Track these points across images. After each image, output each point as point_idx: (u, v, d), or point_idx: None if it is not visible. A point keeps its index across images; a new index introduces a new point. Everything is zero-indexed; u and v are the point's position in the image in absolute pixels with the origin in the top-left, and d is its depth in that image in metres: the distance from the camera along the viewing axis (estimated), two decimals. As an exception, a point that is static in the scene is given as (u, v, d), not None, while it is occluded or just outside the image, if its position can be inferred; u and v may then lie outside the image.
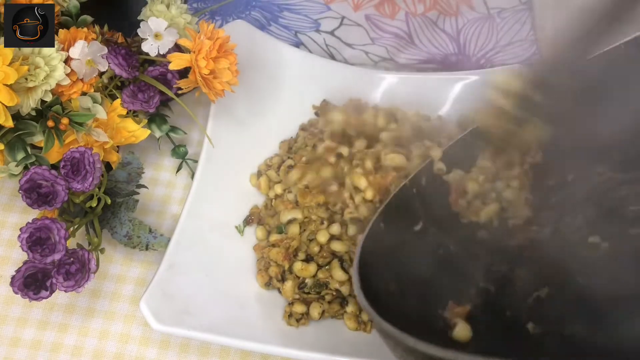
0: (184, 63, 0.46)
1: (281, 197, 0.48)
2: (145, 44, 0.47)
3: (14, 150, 0.44)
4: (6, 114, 0.41)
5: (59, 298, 0.45)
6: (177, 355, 0.44)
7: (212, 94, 0.47)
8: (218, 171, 0.49)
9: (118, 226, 0.45)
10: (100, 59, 0.46)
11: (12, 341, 0.44)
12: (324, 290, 0.44)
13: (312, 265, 0.45)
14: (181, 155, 0.52)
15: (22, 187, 0.40)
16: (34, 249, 0.40)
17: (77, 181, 0.41)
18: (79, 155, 0.41)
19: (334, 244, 0.44)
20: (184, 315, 0.41)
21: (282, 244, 0.46)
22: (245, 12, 0.62)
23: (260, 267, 0.46)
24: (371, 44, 0.60)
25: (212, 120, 0.51)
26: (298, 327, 0.44)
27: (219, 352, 0.44)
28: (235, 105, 0.52)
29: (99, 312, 0.45)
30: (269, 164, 0.51)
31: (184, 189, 0.51)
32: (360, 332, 0.44)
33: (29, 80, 0.43)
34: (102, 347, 0.44)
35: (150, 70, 0.49)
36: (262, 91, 0.54)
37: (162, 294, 0.42)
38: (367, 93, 0.55)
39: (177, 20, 0.50)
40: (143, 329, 0.44)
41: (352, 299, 0.44)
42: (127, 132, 0.47)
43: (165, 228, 0.49)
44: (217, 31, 0.46)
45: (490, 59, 0.60)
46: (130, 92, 0.47)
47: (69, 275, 0.40)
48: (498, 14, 0.62)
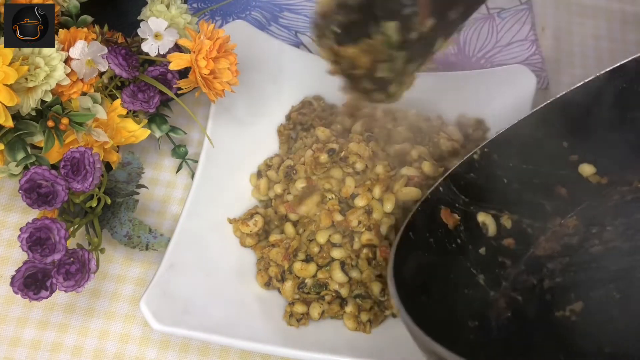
0: (184, 63, 0.46)
1: (281, 197, 0.48)
2: (145, 44, 0.47)
3: (14, 150, 0.44)
4: (6, 114, 0.41)
5: (59, 298, 0.45)
6: (177, 355, 0.44)
7: (212, 94, 0.47)
8: (218, 171, 0.49)
9: (118, 226, 0.45)
10: (100, 59, 0.46)
11: (12, 341, 0.44)
12: (323, 290, 0.44)
13: (312, 266, 0.45)
14: (181, 155, 0.52)
15: (22, 187, 0.40)
16: (34, 249, 0.40)
17: (77, 181, 0.41)
18: (79, 155, 0.41)
19: (333, 252, 0.44)
20: (184, 315, 0.41)
21: (282, 244, 0.46)
22: (245, 12, 0.62)
23: (260, 267, 0.46)
24: (371, 44, 0.60)
25: (212, 120, 0.51)
26: (298, 327, 0.44)
27: (219, 352, 0.44)
28: (235, 105, 0.52)
29: (99, 312, 0.45)
30: (269, 164, 0.51)
31: (184, 189, 0.51)
32: (359, 332, 0.44)
33: (29, 80, 0.43)
34: (102, 347, 0.44)
35: (150, 70, 0.49)
36: (262, 91, 0.54)
37: (162, 294, 0.42)
38: (367, 93, 0.55)
39: (177, 20, 0.50)
40: (143, 329, 0.44)
41: (352, 300, 0.44)
42: (127, 132, 0.47)
43: (165, 228, 0.49)
44: (217, 31, 0.46)
45: (490, 59, 0.60)
46: (130, 92, 0.47)
47: (69, 275, 0.40)
48: (498, 14, 0.62)
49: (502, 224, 0.42)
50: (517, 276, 0.41)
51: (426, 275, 0.38)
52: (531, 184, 0.42)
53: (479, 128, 0.52)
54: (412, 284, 0.34)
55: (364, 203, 0.45)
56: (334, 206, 0.45)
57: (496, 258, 0.41)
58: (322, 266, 0.45)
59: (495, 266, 0.41)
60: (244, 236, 0.47)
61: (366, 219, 0.44)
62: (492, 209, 0.41)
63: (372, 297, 0.44)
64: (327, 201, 0.45)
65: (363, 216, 0.44)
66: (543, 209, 0.42)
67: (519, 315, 0.39)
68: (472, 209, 0.41)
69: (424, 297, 0.35)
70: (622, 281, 0.39)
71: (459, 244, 0.40)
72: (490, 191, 0.41)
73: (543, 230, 0.42)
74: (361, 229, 0.44)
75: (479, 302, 0.39)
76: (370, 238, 0.44)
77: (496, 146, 0.42)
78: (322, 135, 0.49)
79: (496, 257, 0.41)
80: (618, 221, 0.41)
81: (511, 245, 0.41)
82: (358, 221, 0.44)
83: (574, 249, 0.41)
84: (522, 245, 0.42)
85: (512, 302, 0.39)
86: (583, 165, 0.42)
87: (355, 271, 0.44)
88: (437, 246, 0.39)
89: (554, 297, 0.40)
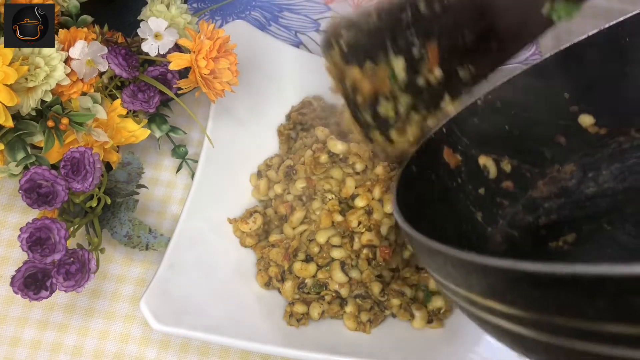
0: (184, 63, 0.46)
1: (281, 197, 0.48)
2: (145, 44, 0.47)
3: (14, 150, 0.44)
4: (6, 114, 0.41)
5: (59, 298, 0.45)
6: (177, 355, 0.44)
7: (212, 94, 0.47)
8: (218, 171, 0.49)
9: (118, 226, 0.45)
10: (100, 59, 0.46)
11: (12, 341, 0.44)
12: (323, 290, 0.44)
13: (312, 266, 0.45)
14: (181, 155, 0.52)
15: (22, 187, 0.40)
16: (34, 249, 0.40)
17: (77, 181, 0.41)
18: (79, 155, 0.41)
19: (333, 252, 0.44)
20: (184, 315, 0.41)
21: (281, 244, 0.46)
22: (245, 12, 0.62)
23: (260, 267, 0.46)
24: (371, 44, 0.60)
25: (212, 120, 0.51)
26: (298, 327, 0.44)
27: (219, 352, 0.44)
28: (235, 105, 0.52)
29: (99, 312, 0.45)
30: (269, 164, 0.51)
31: (184, 189, 0.51)
32: (359, 332, 0.44)
33: (29, 80, 0.43)
34: (102, 347, 0.44)
35: (150, 70, 0.49)
36: (262, 91, 0.54)
37: (162, 294, 0.42)
38: (367, 93, 0.55)
39: (177, 20, 0.50)
40: (143, 329, 0.44)
41: (352, 300, 0.44)
42: (127, 132, 0.47)
43: (165, 228, 0.49)
44: (217, 31, 0.46)
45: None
46: (130, 92, 0.47)
47: (69, 275, 0.40)
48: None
49: (502, 167, 0.43)
50: (515, 215, 0.42)
51: (427, 207, 0.38)
52: (531, 132, 0.43)
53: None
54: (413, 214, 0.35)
55: (364, 203, 0.45)
56: (334, 207, 0.45)
57: (494, 199, 0.42)
58: (322, 266, 0.45)
59: (493, 206, 0.42)
60: (244, 236, 0.47)
61: (366, 220, 0.44)
62: (493, 153, 0.43)
63: (372, 297, 0.44)
64: (327, 201, 0.45)
65: (363, 217, 0.44)
66: (542, 156, 0.43)
67: (514, 248, 0.40)
68: (473, 152, 0.42)
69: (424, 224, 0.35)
70: (613, 215, 0.40)
71: (459, 183, 0.41)
72: (491, 136, 0.42)
73: (541, 175, 0.43)
74: (361, 229, 0.44)
75: (477, 236, 0.40)
76: (370, 239, 0.44)
77: (499, 93, 0.43)
78: (322, 135, 0.49)
79: (494, 198, 0.42)
80: (614, 166, 0.42)
81: (510, 188, 0.43)
82: (358, 222, 0.44)
83: (571, 191, 0.43)
84: (520, 188, 0.43)
85: (508, 237, 0.41)
86: (583, 116, 0.43)
87: (355, 271, 0.44)
88: (437, 182, 0.40)
89: (548, 232, 0.41)
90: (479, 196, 0.41)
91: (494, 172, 0.42)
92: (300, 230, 0.46)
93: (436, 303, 0.45)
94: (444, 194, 0.40)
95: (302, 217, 0.46)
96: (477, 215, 0.41)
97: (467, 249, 0.31)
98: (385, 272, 0.45)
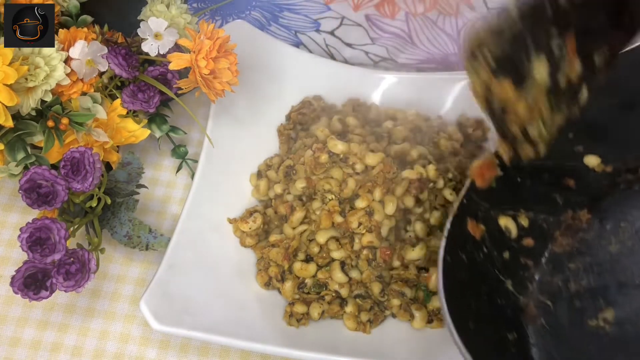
0: (184, 63, 0.46)
1: (281, 197, 0.48)
2: (145, 44, 0.47)
3: (14, 150, 0.44)
4: (6, 114, 0.41)
5: (59, 298, 0.45)
6: (177, 355, 0.44)
7: (212, 94, 0.47)
8: (218, 171, 0.49)
9: (118, 226, 0.45)
10: (100, 59, 0.46)
11: (12, 341, 0.44)
12: (323, 290, 0.44)
13: (312, 266, 0.45)
14: (181, 155, 0.52)
15: (22, 187, 0.40)
16: (34, 249, 0.40)
17: (77, 181, 0.41)
18: (79, 155, 0.41)
19: (333, 252, 0.44)
20: (184, 315, 0.41)
21: (281, 244, 0.46)
22: (245, 12, 0.62)
23: (260, 267, 0.46)
24: (371, 44, 0.60)
25: (212, 120, 0.51)
26: (298, 327, 0.44)
27: (219, 352, 0.44)
28: (235, 105, 0.52)
29: (99, 312, 0.45)
30: (269, 164, 0.51)
31: (184, 189, 0.51)
32: (359, 332, 0.44)
33: (29, 80, 0.43)
34: (102, 347, 0.44)
35: (150, 70, 0.49)
36: (262, 91, 0.54)
37: (162, 294, 0.42)
38: (367, 93, 0.55)
39: (177, 20, 0.50)
40: (143, 329, 0.44)
41: (352, 300, 0.44)
42: (127, 132, 0.47)
43: (165, 228, 0.49)
44: (217, 31, 0.46)
45: (490, 59, 0.59)
46: (130, 92, 0.47)
47: (69, 275, 0.40)
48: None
49: (520, 223, 0.42)
50: (541, 277, 0.41)
51: (467, 295, 0.38)
52: (541, 178, 0.43)
53: (479, 128, 0.52)
54: (460, 313, 0.35)
55: (364, 204, 0.44)
56: (334, 207, 0.45)
57: (518, 260, 0.41)
58: (322, 266, 0.45)
59: (519, 268, 0.41)
60: (244, 236, 0.47)
61: (367, 221, 0.44)
62: (510, 210, 0.42)
63: (372, 297, 0.44)
64: (327, 202, 0.45)
65: (364, 217, 0.44)
66: (554, 202, 0.43)
67: (551, 324, 0.40)
68: (492, 213, 0.42)
69: (471, 323, 0.35)
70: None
71: (485, 253, 0.40)
72: (506, 192, 0.42)
73: (557, 224, 0.43)
74: (362, 230, 0.44)
75: (511, 309, 0.40)
76: (371, 240, 0.44)
77: None
78: (322, 135, 0.49)
79: (518, 259, 0.41)
80: (631, 216, 0.42)
81: (530, 244, 0.42)
82: (359, 222, 0.44)
83: (592, 247, 0.42)
84: (540, 242, 0.42)
85: (543, 308, 0.40)
86: (588, 157, 0.43)
87: (355, 271, 0.44)
88: (468, 261, 0.39)
89: (582, 303, 0.41)
90: (505, 261, 0.41)
91: (515, 231, 0.42)
92: (300, 230, 0.46)
93: (436, 303, 0.44)
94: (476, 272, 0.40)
95: (302, 217, 0.46)
96: (507, 284, 0.40)
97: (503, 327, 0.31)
98: (385, 273, 0.45)
